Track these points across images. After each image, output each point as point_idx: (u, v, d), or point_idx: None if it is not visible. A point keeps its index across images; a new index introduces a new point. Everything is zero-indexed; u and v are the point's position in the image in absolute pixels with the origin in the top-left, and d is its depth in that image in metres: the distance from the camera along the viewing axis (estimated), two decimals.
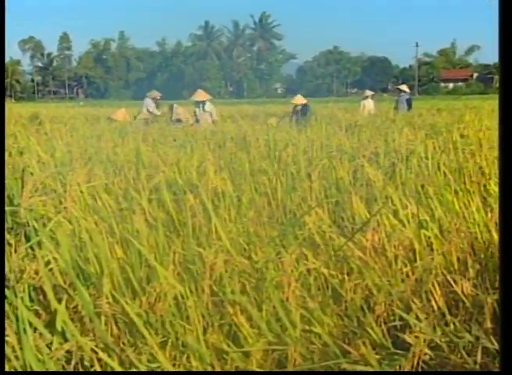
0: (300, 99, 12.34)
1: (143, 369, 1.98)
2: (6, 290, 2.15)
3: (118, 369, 1.97)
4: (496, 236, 2.83)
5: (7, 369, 1.92)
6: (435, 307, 2.34)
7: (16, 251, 2.61)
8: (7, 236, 2.85)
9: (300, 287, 2.31)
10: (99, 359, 1.98)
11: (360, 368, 1.95)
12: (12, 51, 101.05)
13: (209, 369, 2.03)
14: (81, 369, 2.04)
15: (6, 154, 4.95)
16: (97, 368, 1.95)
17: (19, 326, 1.94)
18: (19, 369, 1.93)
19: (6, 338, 1.95)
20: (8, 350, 1.94)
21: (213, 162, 4.73)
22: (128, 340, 2.16)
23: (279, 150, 5.57)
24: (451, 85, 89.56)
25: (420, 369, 1.98)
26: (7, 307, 2.08)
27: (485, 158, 4.93)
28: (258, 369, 2.04)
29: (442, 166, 4.52)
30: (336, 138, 6.50)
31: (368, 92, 14.98)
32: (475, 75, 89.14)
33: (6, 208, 3.07)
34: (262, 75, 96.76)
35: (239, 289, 2.27)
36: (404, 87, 14.71)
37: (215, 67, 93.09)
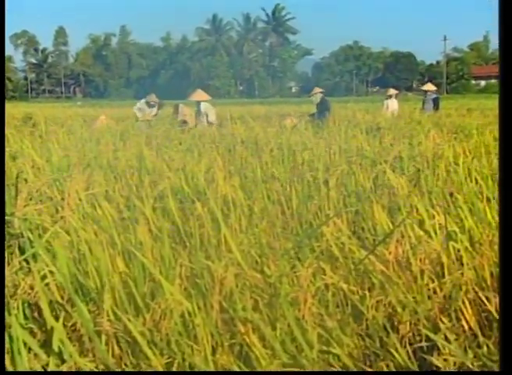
0: (318, 89, 12.90)
1: None
2: None
3: None
4: None
5: None
6: (466, 327, 2.33)
7: (9, 264, 2.63)
8: None
9: (317, 303, 2.31)
10: None
11: None
12: None
13: None
14: None
15: None
16: None
17: (13, 346, 1.96)
18: None
19: None
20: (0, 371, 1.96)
21: (222, 167, 4.74)
22: (130, 361, 2.18)
23: (294, 155, 5.58)
24: (483, 83, 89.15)
25: None
26: None
27: None
28: None
29: (473, 172, 4.51)
30: (356, 142, 6.50)
31: (392, 91, 14.96)
32: None
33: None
34: (275, 73, 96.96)
35: (251, 306, 2.27)
36: (428, 87, 14.65)
37: (223, 64, 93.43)
